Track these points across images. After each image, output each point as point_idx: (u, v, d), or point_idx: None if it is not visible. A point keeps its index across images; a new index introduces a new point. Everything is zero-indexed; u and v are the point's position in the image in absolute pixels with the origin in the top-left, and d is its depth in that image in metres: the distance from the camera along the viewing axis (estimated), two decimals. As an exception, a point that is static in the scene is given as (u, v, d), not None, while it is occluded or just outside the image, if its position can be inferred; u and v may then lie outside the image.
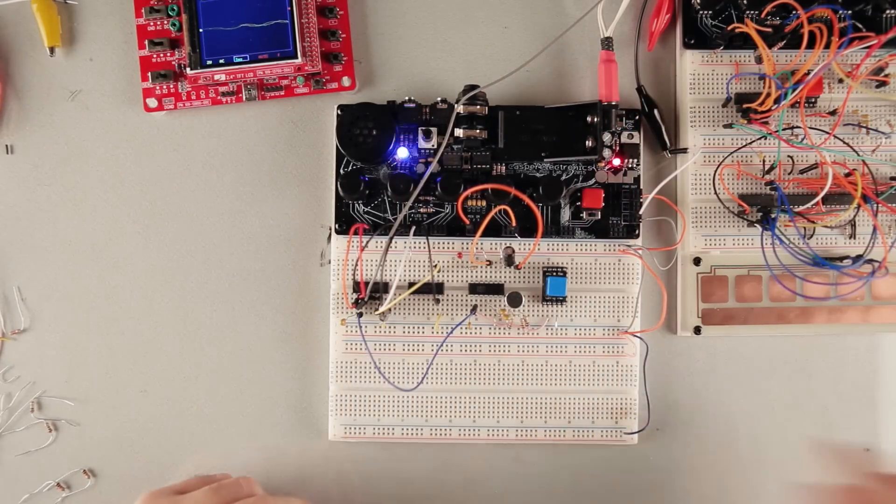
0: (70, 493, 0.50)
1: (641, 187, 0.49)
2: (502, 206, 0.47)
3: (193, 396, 0.50)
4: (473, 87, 0.47)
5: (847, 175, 0.48)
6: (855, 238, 0.49)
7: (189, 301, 0.50)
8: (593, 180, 0.49)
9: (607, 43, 0.49)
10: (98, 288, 0.50)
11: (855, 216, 0.49)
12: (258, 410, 0.50)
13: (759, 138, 0.48)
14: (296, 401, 0.50)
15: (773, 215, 0.48)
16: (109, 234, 0.50)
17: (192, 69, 0.48)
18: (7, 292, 0.50)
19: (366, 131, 0.47)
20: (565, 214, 0.49)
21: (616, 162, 0.48)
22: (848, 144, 0.49)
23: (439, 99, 0.48)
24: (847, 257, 0.48)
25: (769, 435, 0.51)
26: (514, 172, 0.49)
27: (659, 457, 0.51)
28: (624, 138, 0.49)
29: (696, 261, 0.50)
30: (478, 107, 0.47)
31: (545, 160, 0.49)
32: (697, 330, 0.50)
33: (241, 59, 0.48)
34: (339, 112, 0.49)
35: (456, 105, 0.47)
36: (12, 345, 0.50)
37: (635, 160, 0.49)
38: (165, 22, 0.49)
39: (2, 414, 0.50)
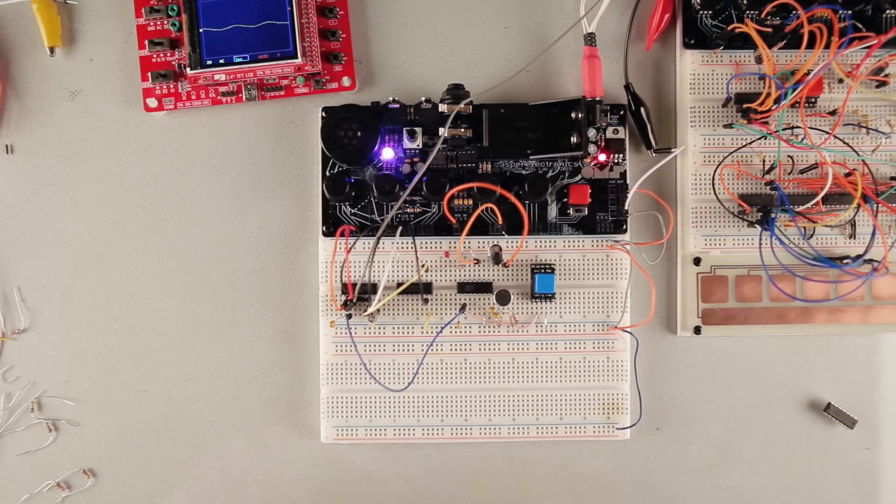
0: (70, 493, 0.50)
1: (628, 182, 0.49)
2: (488, 205, 0.47)
3: (193, 396, 0.50)
4: (458, 86, 0.47)
5: (847, 175, 0.48)
6: (855, 238, 0.49)
7: (189, 301, 0.50)
8: (579, 176, 0.49)
9: (590, 39, 0.48)
10: (98, 288, 0.50)
11: (855, 216, 0.49)
12: (257, 411, 0.50)
13: (759, 138, 0.48)
14: (294, 401, 0.50)
15: (772, 215, 0.48)
16: (109, 234, 0.50)
17: (192, 69, 0.48)
18: (7, 292, 0.50)
19: (350, 133, 0.47)
20: (552, 211, 0.49)
21: (602, 157, 0.48)
22: (848, 144, 0.49)
23: (423, 99, 0.48)
24: (847, 257, 0.48)
25: (769, 435, 0.50)
26: (500, 170, 0.49)
27: (659, 456, 0.51)
28: (609, 133, 0.49)
29: (696, 261, 0.50)
30: (462, 105, 0.47)
31: (531, 157, 0.49)
32: (697, 330, 0.50)
33: (241, 59, 0.48)
34: (323, 114, 0.49)
35: (440, 104, 0.47)
36: (12, 345, 0.50)
37: (621, 155, 0.49)
38: (165, 22, 0.49)
39: (2, 414, 0.50)
